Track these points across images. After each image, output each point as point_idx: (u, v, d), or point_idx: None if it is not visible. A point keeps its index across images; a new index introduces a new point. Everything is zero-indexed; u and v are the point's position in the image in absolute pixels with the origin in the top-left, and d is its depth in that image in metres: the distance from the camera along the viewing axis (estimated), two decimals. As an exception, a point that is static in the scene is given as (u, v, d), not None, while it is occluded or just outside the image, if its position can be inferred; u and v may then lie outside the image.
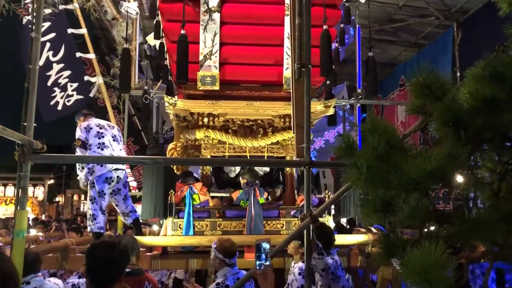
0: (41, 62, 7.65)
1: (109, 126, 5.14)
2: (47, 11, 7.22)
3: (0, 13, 2.47)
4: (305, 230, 3.11)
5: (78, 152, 4.90)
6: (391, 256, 2.07)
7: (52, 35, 7.85)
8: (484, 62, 2.14)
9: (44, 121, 4.76)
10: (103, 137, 4.94)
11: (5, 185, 24.40)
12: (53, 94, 7.73)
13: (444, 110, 2.08)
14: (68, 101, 7.79)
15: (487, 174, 2.06)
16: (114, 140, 5.02)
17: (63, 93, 7.78)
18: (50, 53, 7.90)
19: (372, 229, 5.72)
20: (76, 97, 7.85)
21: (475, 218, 1.96)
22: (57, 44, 7.90)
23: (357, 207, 5.53)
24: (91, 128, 4.94)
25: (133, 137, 11.06)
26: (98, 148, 4.87)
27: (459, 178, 2.04)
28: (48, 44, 7.88)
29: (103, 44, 11.17)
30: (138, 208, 5.75)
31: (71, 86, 7.77)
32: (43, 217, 17.06)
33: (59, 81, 7.87)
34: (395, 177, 2.00)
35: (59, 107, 7.81)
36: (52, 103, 7.69)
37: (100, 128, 5.00)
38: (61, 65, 7.88)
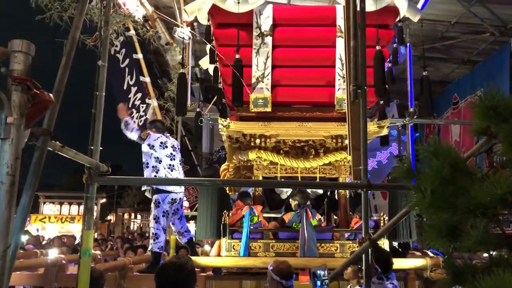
0: (124, 87, 8.26)
1: (178, 149, 5.40)
2: (121, 38, 7.77)
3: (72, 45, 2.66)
4: (364, 254, 3.07)
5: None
6: (458, 282, 2.01)
7: (127, 61, 8.41)
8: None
9: (127, 140, 5.23)
10: (174, 159, 5.17)
11: (61, 204, 25.42)
12: (132, 115, 8.23)
13: (511, 132, 2.03)
14: (141, 121, 8.22)
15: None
16: (180, 163, 5.24)
17: (137, 113, 8.29)
18: (129, 77, 8.46)
19: (429, 253, 5.54)
20: (145, 117, 8.32)
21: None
22: (131, 69, 8.43)
23: (413, 230, 5.39)
24: (166, 147, 5.18)
25: (184, 157, 11.34)
26: (168, 168, 5.10)
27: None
28: (127, 70, 8.44)
29: (155, 67, 11.62)
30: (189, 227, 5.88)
31: (142, 107, 8.24)
32: (96, 235, 17.63)
33: (135, 102, 8.41)
34: (461, 201, 1.96)
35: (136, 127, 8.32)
36: None
37: (174, 150, 5.25)
38: (135, 88, 8.40)
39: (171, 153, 5.18)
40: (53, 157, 2.73)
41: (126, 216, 31.32)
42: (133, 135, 5.12)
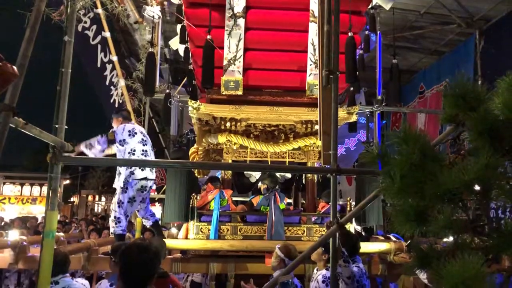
0: (98, 64, 8.01)
1: (147, 138, 5.25)
2: (91, 14, 7.53)
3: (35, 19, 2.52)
4: (331, 238, 3.11)
5: (99, 144, 4.88)
6: (424, 266, 2.06)
7: (99, 37, 8.16)
8: (515, 72, 2.13)
9: (109, 118, 5.01)
10: (146, 144, 5.04)
11: (22, 184, 24.70)
12: (111, 93, 8.03)
13: (479, 120, 2.07)
14: (121, 99, 8.02)
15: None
16: (152, 150, 5.12)
17: (116, 91, 8.10)
18: (102, 54, 8.23)
19: (391, 237, 5.69)
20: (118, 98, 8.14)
21: (510, 230, 1.94)
22: (103, 46, 8.20)
23: (378, 215, 5.51)
24: (135, 133, 5.01)
25: (151, 140, 11.16)
26: (142, 154, 4.95)
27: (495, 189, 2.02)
28: (99, 46, 8.20)
29: (123, 47, 11.31)
30: (154, 209, 5.78)
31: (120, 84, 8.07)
32: (58, 217, 17.26)
33: (113, 80, 8.20)
34: (430, 187, 1.99)
35: (116, 105, 8.08)
36: (111, 101, 7.95)
37: (144, 136, 5.12)
38: (111, 65, 8.20)
39: (142, 139, 5.03)
40: (13, 135, 2.60)
41: (90, 198, 30.73)
42: (102, 145, 4.82)
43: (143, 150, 4.97)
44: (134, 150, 4.92)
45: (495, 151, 1.99)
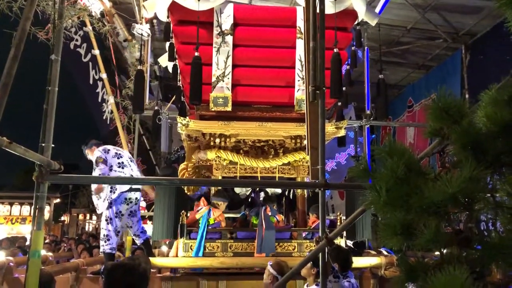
0: (90, 81, 8.08)
1: (122, 151, 5.33)
2: (81, 32, 7.61)
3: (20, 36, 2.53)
4: (320, 253, 3.10)
5: (98, 171, 4.93)
6: (412, 280, 2.05)
7: (89, 55, 8.25)
8: (498, 86, 2.17)
9: (102, 134, 5.08)
10: (121, 157, 5.07)
11: (11, 204, 24.39)
12: (104, 110, 8.06)
13: (462, 133, 2.09)
14: (111, 116, 8.06)
15: (506, 198, 2.05)
16: (131, 161, 5.12)
17: (107, 108, 8.13)
18: (93, 72, 8.32)
19: (383, 251, 5.68)
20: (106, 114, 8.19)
21: (496, 243, 1.95)
22: (94, 63, 8.28)
23: (369, 229, 5.51)
24: (108, 150, 5.09)
25: (142, 157, 11.15)
26: (119, 167, 4.98)
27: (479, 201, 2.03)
28: (90, 64, 8.28)
29: (113, 64, 11.34)
30: (146, 227, 5.75)
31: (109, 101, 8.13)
32: (49, 237, 17.00)
33: (104, 97, 8.25)
34: (415, 200, 2.00)
35: (108, 121, 8.06)
36: (104, 117, 7.97)
37: (117, 151, 5.19)
38: (101, 82, 8.27)
39: (116, 153, 5.11)
40: (3, 155, 2.60)
41: (81, 217, 30.38)
42: (105, 171, 4.93)
43: (119, 163, 5.03)
44: (111, 165, 4.99)
45: (479, 163, 2.00)
